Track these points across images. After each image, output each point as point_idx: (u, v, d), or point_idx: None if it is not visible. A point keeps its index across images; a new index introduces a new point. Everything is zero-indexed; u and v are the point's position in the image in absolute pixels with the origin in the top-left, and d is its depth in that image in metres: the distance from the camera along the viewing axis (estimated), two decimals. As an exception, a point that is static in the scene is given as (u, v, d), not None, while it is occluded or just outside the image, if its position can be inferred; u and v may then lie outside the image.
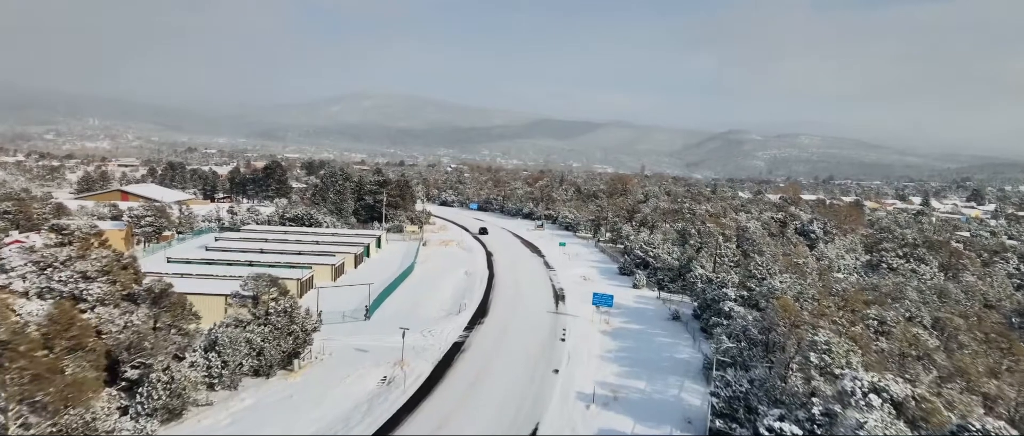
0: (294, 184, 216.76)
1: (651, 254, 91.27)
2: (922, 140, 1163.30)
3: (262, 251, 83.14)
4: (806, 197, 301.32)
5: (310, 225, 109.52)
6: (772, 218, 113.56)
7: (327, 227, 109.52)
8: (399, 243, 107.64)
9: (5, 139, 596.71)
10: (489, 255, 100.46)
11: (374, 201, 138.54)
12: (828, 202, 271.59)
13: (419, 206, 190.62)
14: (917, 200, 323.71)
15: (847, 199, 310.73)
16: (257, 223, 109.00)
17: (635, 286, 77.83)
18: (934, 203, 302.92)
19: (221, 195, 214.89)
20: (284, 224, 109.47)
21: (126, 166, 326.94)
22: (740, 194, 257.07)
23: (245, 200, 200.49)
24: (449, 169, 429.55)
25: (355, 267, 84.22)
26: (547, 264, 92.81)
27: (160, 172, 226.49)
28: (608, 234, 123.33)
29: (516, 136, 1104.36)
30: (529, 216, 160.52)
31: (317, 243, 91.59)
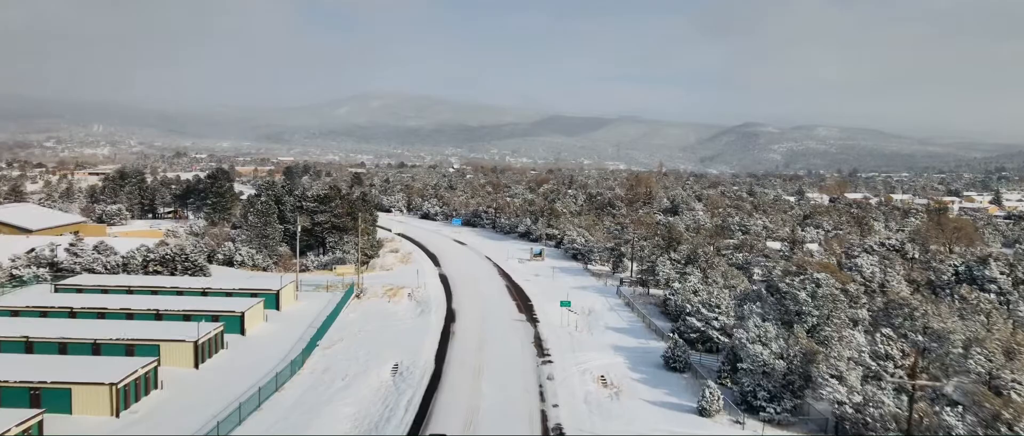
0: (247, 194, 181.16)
1: (717, 324, 53.72)
2: (941, 129, 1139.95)
3: (27, 341, 46.82)
4: (850, 196, 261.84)
5: (188, 271, 73.20)
6: (882, 245, 75.54)
7: (208, 276, 73.29)
8: (316, 297, 70.66)
9: (4, 147, 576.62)
10: (450, 317, 63.58)
11: (313, 224, 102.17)
12: (875, 201, 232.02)
13: (386, 219, 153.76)
14: (979, 197, 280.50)
15: (899, 197, 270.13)
16: (107, 268, 72.69)
17: (702, 411, 40.36)
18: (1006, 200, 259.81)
19: (164, 210, 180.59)
20: (146, 268, 73.15)
21: (101, 174, 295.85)
22: (784, 196, 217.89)
23: (190, 215, 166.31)
24: (452, 169, 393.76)
25: (200, 363, 47.50)
26: (540, 343, 55.37)
27: (101, 184, 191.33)
28: (635, 266, 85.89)
29: (526, 134, 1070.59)
30: (527, 235, 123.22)
31: (157, 314, 55.23)
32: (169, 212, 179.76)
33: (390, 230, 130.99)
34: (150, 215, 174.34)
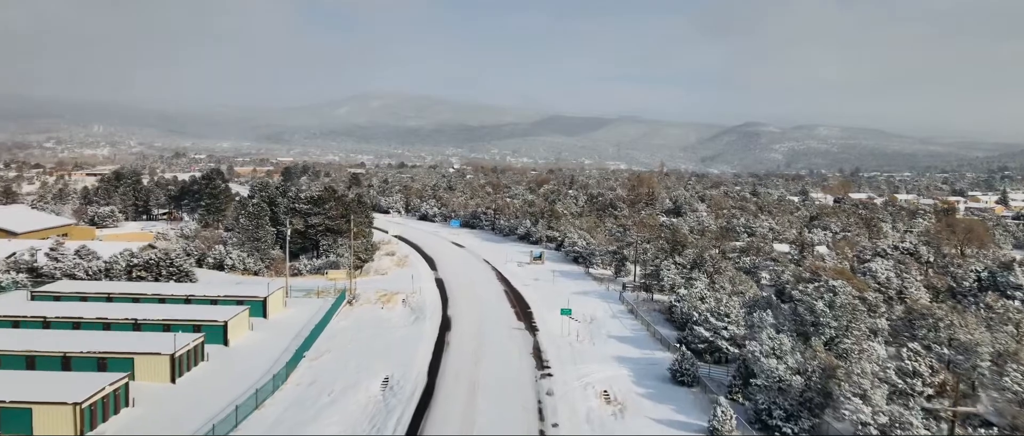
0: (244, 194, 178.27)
1: (726, 333, 50.87)
2: (942, 128, 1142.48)
3: (-6, 355, 44.05)
4: (854, 196, 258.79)
5: (173, 277, 70.42)
6: (895, 248, 72.65)
7: (194, 281, 70.61)
8: (306, 303, 67.85)
9: (3, 148, 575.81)
10: (445, 325, 60.76)
11: (306, 226, 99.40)
12: (881, 202, 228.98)
13: (384, 220, 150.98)
14: (985, 197, 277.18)
15: (903, 197, 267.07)
16: (89, 273, 69.94)
17: (714, 431, 37.52)
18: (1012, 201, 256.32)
19: (159, 212, 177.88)
20: (129, 274, 70.39)
21: (99, 175, 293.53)
22: (788, 196, 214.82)
23: (185, 217, 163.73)
24: (452, 169, 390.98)
25: (177, 377, 44.69)
26: (539, 354, 52.57)
27: (95, 185, 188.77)
28: (638, 269, 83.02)
29: (526, 134, 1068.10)
30: (527, 238, 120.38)
31: (136, 324, 52.46)
32: (164, 214, 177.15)
33: (387, 232, 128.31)
34: (145, 217, 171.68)
